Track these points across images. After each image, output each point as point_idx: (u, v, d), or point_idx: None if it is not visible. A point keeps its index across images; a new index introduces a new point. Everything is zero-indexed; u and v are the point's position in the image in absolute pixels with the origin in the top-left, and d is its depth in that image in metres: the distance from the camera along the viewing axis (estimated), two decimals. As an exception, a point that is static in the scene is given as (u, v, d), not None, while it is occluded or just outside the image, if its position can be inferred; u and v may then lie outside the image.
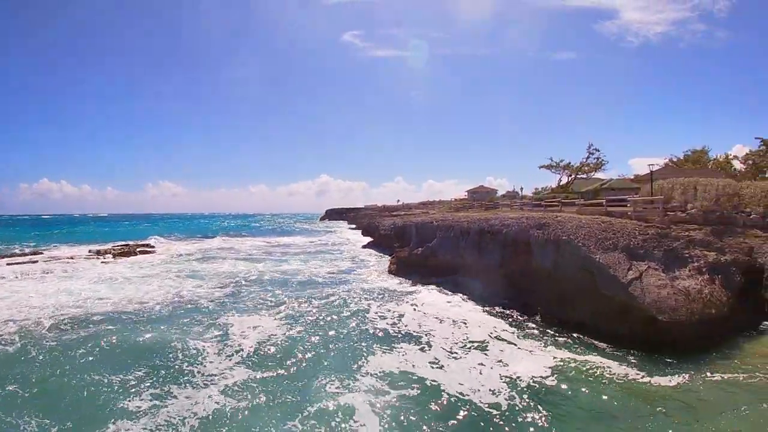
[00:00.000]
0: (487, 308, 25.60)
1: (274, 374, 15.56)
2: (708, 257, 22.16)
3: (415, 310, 25.49)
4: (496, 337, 20.77)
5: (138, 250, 59.40)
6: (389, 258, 42.56)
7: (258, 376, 15.36)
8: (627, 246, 22.27)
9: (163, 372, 15.75)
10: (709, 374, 15.64)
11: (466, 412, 12.88)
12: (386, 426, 12.04)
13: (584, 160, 72.91)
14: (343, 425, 12.04)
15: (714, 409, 13.19)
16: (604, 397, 14.15)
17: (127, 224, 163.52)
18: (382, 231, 58.40)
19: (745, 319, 21.17)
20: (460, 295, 28.71)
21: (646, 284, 20.21)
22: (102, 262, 47.48)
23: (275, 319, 23.35)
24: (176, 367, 16.28)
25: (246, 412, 12.74)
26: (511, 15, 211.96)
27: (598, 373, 16.16)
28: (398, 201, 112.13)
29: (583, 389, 14.76)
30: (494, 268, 28.69)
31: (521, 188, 79.17)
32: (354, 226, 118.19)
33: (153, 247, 64.69)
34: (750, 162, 67.94)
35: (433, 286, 31.56)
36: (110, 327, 21.69)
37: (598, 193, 48.51)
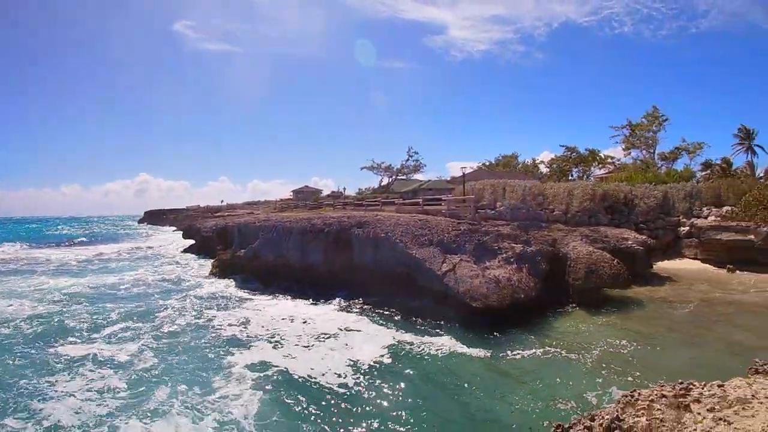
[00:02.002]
0: (320, 305, 25.66)
1: (132, 387, 15.15)
2: (515, 249, 24.11)
3: (252, 312, 24.84)
4: (343, 329, 20.97)
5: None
6: (212, 261, 40.72)
7: (116, 390, 14.95)
8: (441, 241, 23.64)
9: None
10: (515, 349, 17.39)
11: (317, 390, 14.36)
12: (244, 409, 13.15)
13: (404, 163, 76.96)
14: (207, 416, 12.88)
15: (517, 378, 14.91)
16: (430, 373, 15.60)
17: None
18: (204, 233, 55.69)
19: (552, 302, 23.58)
20: (289, 295, 28.31)
21: (459, 275, 21.57)
22: None
23: (115, 335, 20.90)
24: (26, 393, 14.88)
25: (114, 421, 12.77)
26: (346, 22, 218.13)
27: (426, 352, 17.58)
28: (222, 201, 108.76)
29: (414, 366, 16.17)
30: (318, 266, 28.80)
31: (344, 188, 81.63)
32: (175, 228, 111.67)
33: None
34: (555, 166, 77.11)
35: (260, 289, 30.72)
36: None
37: (417, 193, 50.87)
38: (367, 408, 13.13)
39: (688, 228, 37.42)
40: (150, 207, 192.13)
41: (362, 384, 14.71)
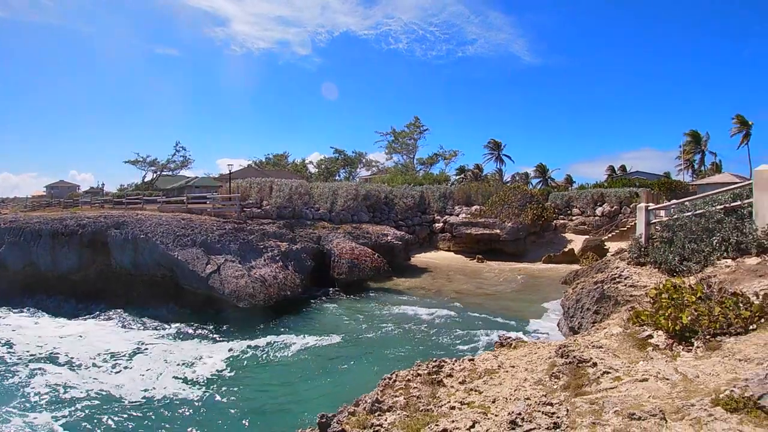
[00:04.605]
0: (84, 319, 23.02)
1: None
2: (281, 247, 25.14)
3: (11, 333, 21.30)
4: (128, 345, 19.10)
5: None
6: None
7: None
8: (205, 241, 23.64)
9: None
10: (295, 337, 18.85)
11: (160, 409, 13.47)
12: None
13: (171, 157, 72.98)
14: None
15: (303, 362, 16.39)
16: (228, 372, 15.86)
17: None
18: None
19: (320, 294, 25.60)
20: (44, 310, 24.61)
21: (224, 276, 21.78)
22: None
23: None
24: None
25: None
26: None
27: (215, 353, 17.46)
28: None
29: (209, 369, 16.16)
30: (73, 273, 26.00)
31: (103, 184, 75.44)
32: None
33: None
34: (323, 166, 79.60)
35: (9, 305, 25.94)
36: None
37: (183, 191, 49.24)
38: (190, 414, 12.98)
39: (442, 224, 42.45)
40: None
41: (180, 396, 14.25)
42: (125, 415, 13.13)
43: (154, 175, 71.98)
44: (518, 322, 20.08)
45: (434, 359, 6.60)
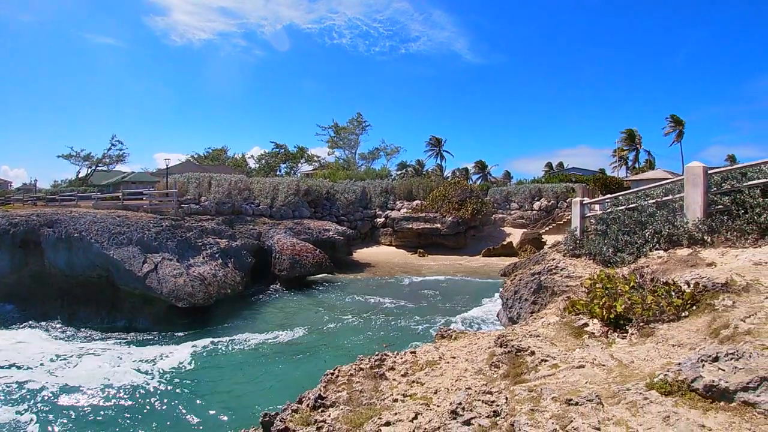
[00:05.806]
0: (25, 323, 21.27)
1: None
2: (221, 244, 24.71)
3: None
4: (80, 346, 18.31)
5: None
6: None
7: None
8: (141, 239, 22.93)
9: None
10: (241, 335, 18.67)
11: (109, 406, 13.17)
12: None
13: (107, 152, 70.03)
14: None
15: (244, 360, 16.21)
16: (189, 374, 15.42)
17: None
18: None
19: (262, 291, 25.57)
20: None
21: (162, 275, 21.21)
22: None
23: None
24: None
25: None
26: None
27: (163, 357, 16.76)
28: None
29: (156, 372, 15.55)
30: (5, 276, 24.30)
31: (35, 180, 72.32)
32: None
33: None
34: (263, 161, 78.82)
35: None
36: None
37: (119, 187, 47.69)
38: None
39: (383, 219, 42.79)
40: None
41: (131, 397, 13.79)
42: (87, 406, 12.97)
43: (89, 170, 69.21)
44: (459, 314, 20.51)
45: (376, 353, 6.55)
